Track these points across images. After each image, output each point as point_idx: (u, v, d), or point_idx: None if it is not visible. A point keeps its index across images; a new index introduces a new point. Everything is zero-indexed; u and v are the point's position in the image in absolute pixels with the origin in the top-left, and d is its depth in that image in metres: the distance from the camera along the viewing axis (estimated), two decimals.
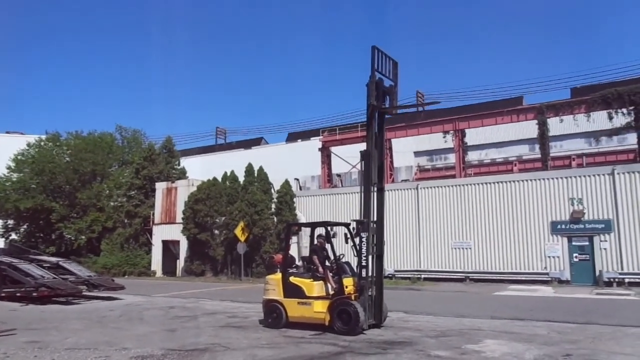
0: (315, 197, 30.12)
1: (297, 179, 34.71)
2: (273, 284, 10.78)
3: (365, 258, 9.77)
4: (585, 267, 21.63)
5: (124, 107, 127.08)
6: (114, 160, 41.72)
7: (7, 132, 56.53)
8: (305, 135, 49.52)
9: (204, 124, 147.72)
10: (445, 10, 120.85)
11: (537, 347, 8.41)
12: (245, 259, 27.32)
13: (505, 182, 24.18)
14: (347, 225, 10.92)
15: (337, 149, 37.13)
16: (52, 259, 20.12)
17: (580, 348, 8.34)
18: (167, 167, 36.78)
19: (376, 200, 10.27)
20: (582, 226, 21.94)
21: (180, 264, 31.76)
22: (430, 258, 25.25)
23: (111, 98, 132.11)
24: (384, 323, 10.48)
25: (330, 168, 37.37)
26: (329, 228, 10.84)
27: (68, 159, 39.63)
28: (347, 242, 10.41)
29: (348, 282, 10.06)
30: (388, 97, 10.58)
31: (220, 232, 29.57)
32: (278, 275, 10.82)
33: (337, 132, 37.53)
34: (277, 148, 52.11)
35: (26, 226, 41.11)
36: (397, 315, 12.14)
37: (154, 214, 33.92)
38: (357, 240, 10.10)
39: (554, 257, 22.28)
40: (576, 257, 21.96)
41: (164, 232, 32.98)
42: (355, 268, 10.33)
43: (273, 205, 29.09)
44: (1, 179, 40.21)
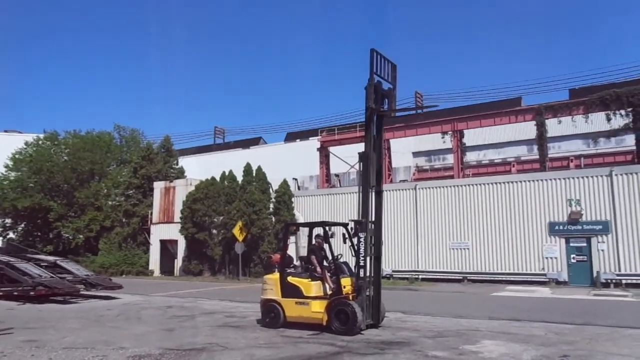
0: (314, 197, 30.13)
1: (296, 179, 34.69)
2: (271, 283, 10.79)
3: (363, 258, 9.79)
4: (583, 268, 21.68)
5: (123, 107, 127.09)
6: (112, 160, 41.63)
7: (5, 130, 56.38)
8: (303, 135, 49.46)
9: (202, 123, 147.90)
10: (444, 10, 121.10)
11: (535, 347, 8.43)
12: (243, 258, 27.32)
13: (504, 182, 24.22)
14: (345, 225, 10.93)
15: (335, 149, 37.08)
16: (50, 258, 20.08)
17: (577, 349, 8.37)
18: (165, 167, 36.79)
19: (374, 201, 10.28)
20: (579, 227, 21.99)
21: (178, 263, 31.76)
22: (428, 258, 25.28)
23: (110, 98, 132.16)
24: (381, 323, 10.50)
25: (328, 168, 37.31)
26: (327, 228, 10.85)
27: (66, 158, 39.53)
28: (345, 242, 10.45)
29: (346, 282, 10.07)
30: (387, 99, 10.62)
31: (218, 232, 29.56)
32: (276, 275, 10.83)
33: (335, 132, 37.45)
34: (276, 148, 52.02)
35: (24, 225, 41.01)
36: (395, 315, 12.15)
37: (152, 213, 33.90)
38: (355, 240, 10.12)
39: (551, 258, 22.32)
40: (574, 258, 22.01)
41: (162, 232, 32.98)
42: (353, 268, 10.35)
43: (271, 205, 29.08)
44: None
